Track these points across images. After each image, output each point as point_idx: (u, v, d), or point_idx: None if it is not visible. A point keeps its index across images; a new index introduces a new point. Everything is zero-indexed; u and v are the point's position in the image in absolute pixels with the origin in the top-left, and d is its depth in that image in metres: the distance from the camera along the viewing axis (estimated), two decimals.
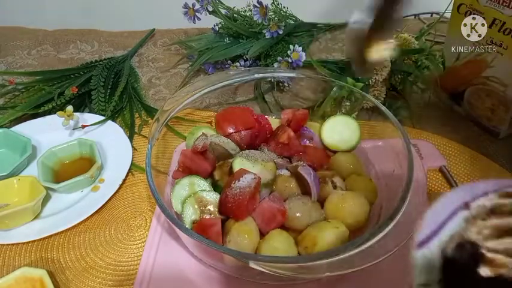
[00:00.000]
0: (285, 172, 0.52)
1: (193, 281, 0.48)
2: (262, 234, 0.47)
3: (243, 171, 0.47)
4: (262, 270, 0.37)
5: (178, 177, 0.52)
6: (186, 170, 0.53)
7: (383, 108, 0.54)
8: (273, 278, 0.45)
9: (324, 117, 0.67)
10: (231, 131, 0.55)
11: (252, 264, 0.37)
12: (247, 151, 0.53)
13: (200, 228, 0.45)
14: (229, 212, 0.47)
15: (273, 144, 0.55)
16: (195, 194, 0.49)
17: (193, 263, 0.50)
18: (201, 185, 0.50)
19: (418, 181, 0.45)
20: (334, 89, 0.65)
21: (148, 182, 0.46)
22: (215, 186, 0.52)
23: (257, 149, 0.56)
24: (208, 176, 0.53)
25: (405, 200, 0.41)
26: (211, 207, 0.48)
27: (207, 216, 0.47)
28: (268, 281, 0.47)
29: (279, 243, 0.45)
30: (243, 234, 0.44)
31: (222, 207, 0.47)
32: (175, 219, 0.44)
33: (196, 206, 0.48)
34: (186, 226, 0.47)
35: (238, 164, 0.50)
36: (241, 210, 0.45)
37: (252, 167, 0.50)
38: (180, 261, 0.50)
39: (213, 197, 0.49)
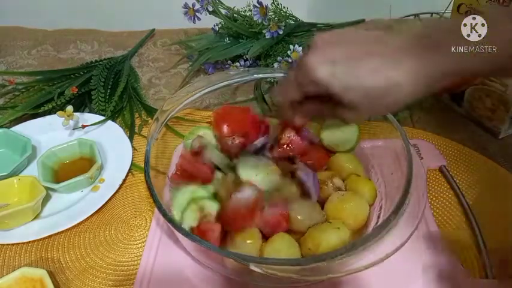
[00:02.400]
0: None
1: (193, 281, 0.48)
2: (266, 238, 0.47)
3: (242, 184, 0.47)
4: (263, 273, 0.37)
5: (177, 181, 0.51)
6: (185, 173, 0.52)
7: None
8: (274, 281, 0.45)
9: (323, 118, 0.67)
10: (226, 133, 0.55)
11: (253, 267, 0.37)
12: (247, 157, 0.52)
13: (199, 233, 0.45)
14: (227, 224, 0.46)
15: (274, 145, 0.55)
16: (196, 203, 0.48)
17: (193, 263, 0.50)
18: (202, 193, 0.49)
19: (417, 181, 0.45)
20: None
21: (148, 185, 0.46)
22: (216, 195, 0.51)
23: (257, 152, 0.56)
24: (209, 181, 0.52)
25: (405, 201, 0.41)
26: (211, 217, 0.47)
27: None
28: (270, 284, 0.47)
29: (282, 246, 0.45)
30: (245, 240, 0.45)
31: (221, 219, 0.47)
32: (175, 221, 0.43)
33: (196, 215, 0.47)
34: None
35: (243, 173, 0.49)
36: (238, 224, 0.45)
37: (255, 176, 0.49)
38: (180, 261, 0.50)
39: (214, 207, 0.48)
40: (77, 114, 0.69)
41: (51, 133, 0.69)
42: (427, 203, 0.55)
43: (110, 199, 0.58)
